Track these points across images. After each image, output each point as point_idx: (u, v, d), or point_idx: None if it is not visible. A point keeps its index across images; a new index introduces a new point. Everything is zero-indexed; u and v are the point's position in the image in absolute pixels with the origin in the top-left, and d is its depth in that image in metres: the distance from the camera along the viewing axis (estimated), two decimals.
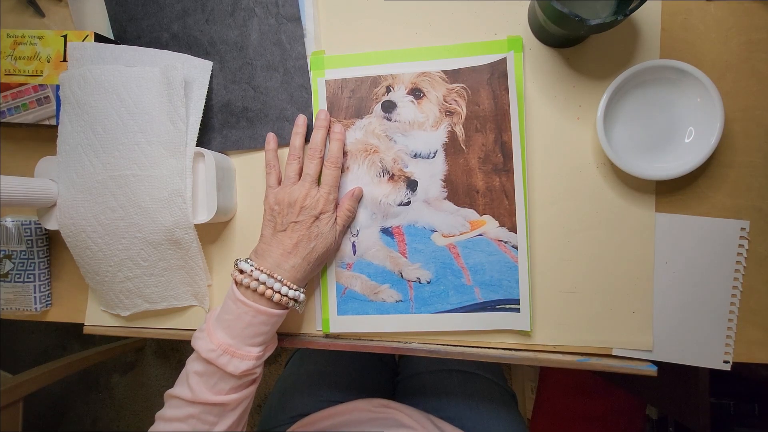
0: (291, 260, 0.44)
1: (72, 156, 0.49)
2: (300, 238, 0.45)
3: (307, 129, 0.49)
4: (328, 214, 0.46)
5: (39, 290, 0.55)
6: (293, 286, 0.44)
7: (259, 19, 0.51)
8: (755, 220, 0.45)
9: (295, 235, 0.45)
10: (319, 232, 0.45)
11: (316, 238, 0.45)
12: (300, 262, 0.45)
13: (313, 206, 0.45)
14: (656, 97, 0.45)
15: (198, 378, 0.42)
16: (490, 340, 0.49)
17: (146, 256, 0.50)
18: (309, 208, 0.45)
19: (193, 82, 0.49)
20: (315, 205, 0.45)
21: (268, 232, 0.46)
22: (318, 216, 0.45)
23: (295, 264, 0.44)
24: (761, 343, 0.46)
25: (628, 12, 0.37)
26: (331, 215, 0.46)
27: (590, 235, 0.47)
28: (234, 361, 0.42)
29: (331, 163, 0.47)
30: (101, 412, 1.49)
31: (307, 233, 0.45)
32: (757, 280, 0.45)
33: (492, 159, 0.47)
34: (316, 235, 0.45)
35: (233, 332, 0.42)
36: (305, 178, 0.46)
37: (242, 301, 0.42)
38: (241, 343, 0.42)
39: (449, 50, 0.48)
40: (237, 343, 0.42)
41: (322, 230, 0.45)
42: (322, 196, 0.46)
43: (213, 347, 0.41)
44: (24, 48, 0.51)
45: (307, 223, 0.45)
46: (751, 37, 0.45)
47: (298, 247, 0.45)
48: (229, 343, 0.42)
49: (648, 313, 0.47)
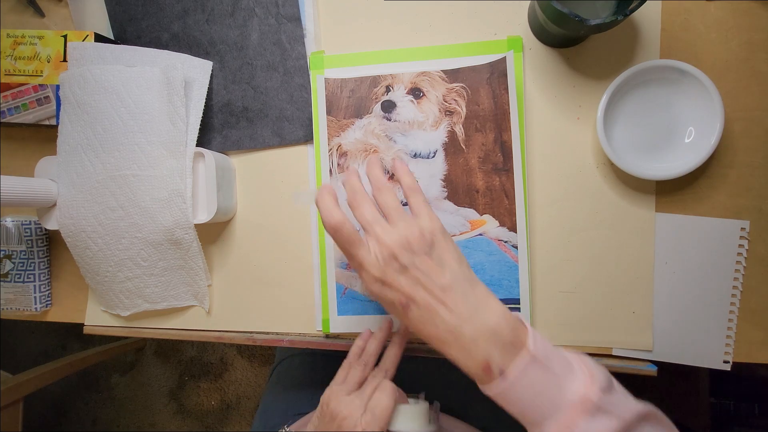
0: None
1: (72, 156, 0.49)
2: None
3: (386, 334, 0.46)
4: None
5: (39, 290, 0.55)
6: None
7: (259, 19, 0.51)
8: (755, 220, 0.45)
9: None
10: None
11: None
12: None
13: (347, 428, 0.40)
14: (656, 97, 0.45)
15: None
16: None
17: (146, 256, 0.50)
18: (343, 429, 0.40)
19: (193, 82, 0.49)
20: (348, 425, 0.40)
21: (311, 428, 0.44)
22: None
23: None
24: (761, 343, 0.46)
25: (628, 12, 0.37)
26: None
27: (590, 235, 0.47)
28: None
29: (384, 379, 0.43)
30: (101, 412, 1.49)
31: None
32: (757, 280, 0.45)
33: (492, 158, 0.47)
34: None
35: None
36: (360, 395, 0.41)
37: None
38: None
39: (449, 50, 0.48)
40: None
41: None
42: (360, 425, 0.39)
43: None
44: (24, 48, 0.51)
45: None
46: (751, 37, 0.45)
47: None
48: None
49: (648, 313, 0.47)
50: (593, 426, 0.30)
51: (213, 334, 0.54)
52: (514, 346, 0.32)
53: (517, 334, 0.33)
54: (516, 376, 0.32)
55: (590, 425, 0.30)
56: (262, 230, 0.53)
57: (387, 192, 0.38)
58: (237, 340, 0.53)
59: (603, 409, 0.31)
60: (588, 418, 0.30)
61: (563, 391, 0.31)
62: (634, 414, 0.31)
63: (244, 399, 1.40)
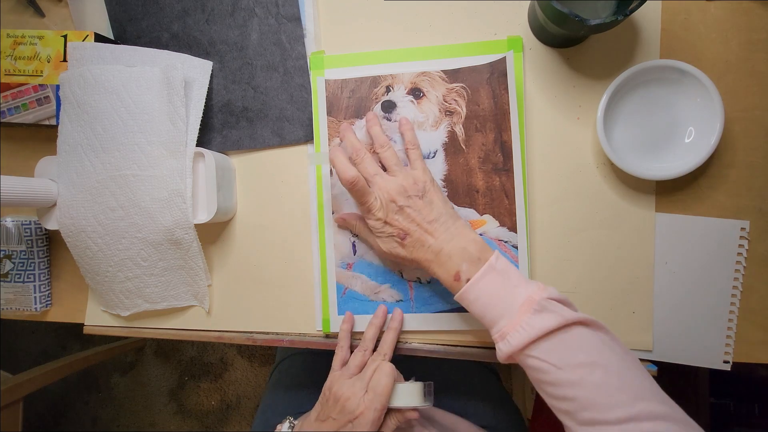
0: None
1: (72, 156, 0.49)
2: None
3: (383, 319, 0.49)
4: (367, 425, 0.41)
5: (39, 290, 0.55)
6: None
7: (259, 19, 0.51)
8: (755, 220, 0.45)
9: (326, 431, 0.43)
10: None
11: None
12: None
13: (351, 410, 0.42)
14: (656, 97, 0.45)
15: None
16: (490, 339, 0.49)
17: (146, 256, 0.50)
18: (346, 412, 0.42)
19: (193, 82, 0.49)
20: (353, 409, 0.42)
21: (313, 416, 0.46)
22: (352, 421, 0.42)
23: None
24: (761, 343, 0.46)
25: (628, 12, 0.37)
26: (370, 426, 0.42)
27: (590, 235, 0.47)
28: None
29: (383, 360, 0.46)
30: (101, 412, 1.49)
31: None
32: (757, 280, 0.45)
33: (492, 158, 0.47)
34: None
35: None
36: (361, 378, 0.44)
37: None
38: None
39: (449, 50, 0.48)
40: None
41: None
42: (363, 403, 0.42)
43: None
44: (24, 48, 0.51)
45: (339, 423, 0.43)
46: (751, 37, 0.45)
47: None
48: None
49: (648, 313, 0.47)
50: (536, 321, 0.37)
51: (213, 334, 0.54)
52: (480, 260, 0.40)
53: (483, 253, 0.41)
54: (476, 279, 0.39)
55: (533, 320, 0.37)
56: (262, 230, 0.53)
57: (388, 149, 0.45)
58: (237, 340, 0.53)
59: (547, 309, 0.37)
60: (531, 315, 0.37)
61: (516, 297, 0.38)
62: (576, 317, 0.37)
63: (244, 399, 1.40)
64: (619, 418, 0.33)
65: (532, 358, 0.37)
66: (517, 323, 0.37)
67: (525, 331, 0.36)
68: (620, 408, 0.33)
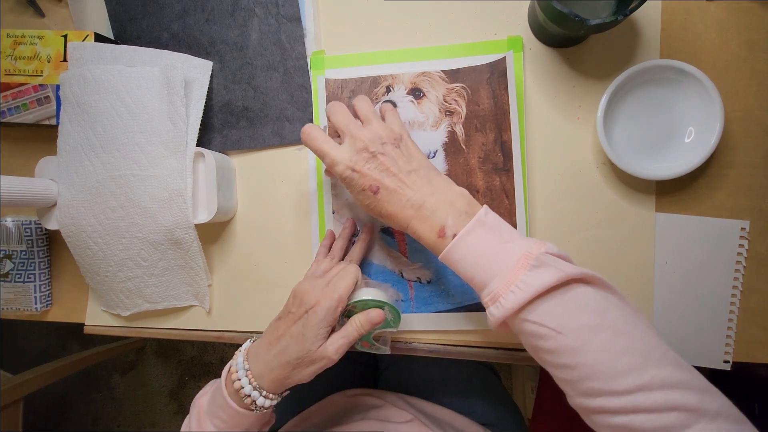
0: (270, 351, 0.39)
1: (72, 156, 0.49)
2: (284, 331, 0.40)
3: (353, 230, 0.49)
4: (321, 313, 0.38)
5: (39, 290, 0.55)
6: (254, 382, 0.39)
7: (259, 19, 0.51)
8: (755, 220, 0.45)
9: (282, 326, 0.40)
10: (301, 332, 0.39)
11: (292, 338, 0.39)
12: (271, 358, 0.39)
13: (307, 301, 0.39)
14: (656, 97, 0.45)
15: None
16: (490, 339, 0.49)
17: (146, 256, 0.50)
18: (303, 303, 0.40)
19: (193, 82, 0.49)
20: (310, 299, 0.39)
21: (276, 316, 0.43)
22: (308, 311, 0.39)
23: (267, 359, 0.39)
24: (761, 343, 0.46)
25: (628, 12, 0.37)
26: (323, 319, 0.38)
27: (590, 235, 0.47)
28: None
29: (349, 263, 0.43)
30: (101, 412, 1.49)
31: (290, 329, 0.39)
32: (757, 280, 0.45)
33: (492, 158, 0.47)
34: (296, 335, 0.39)
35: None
36: (324, 277, 0.42)
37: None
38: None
39: (449, 50, 0.48)
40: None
41: (305, 332, 0.39)
42: (320, 293, 0.40)
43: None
44: (24, 48, 0.51)
45: (296, 316, 0.40)
46: (751, 37, 0.45)
47: (279, 341, 0.39)
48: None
49: (648, 313, 0.47)
50: (533, 277, 0.32)
51: (213, 334, 0.54)
52: (468, 214, 0.36)
53: (471, 207, 0.37)
54: (463, 235, 0.35)
55: (530, 277, 0.32)
56: (262, 230, 0.53)
57: (363, 101, 0.42)
58: (237, 340, 0.53)
59: (545, 264, 0.33)
60: (527, 272, 0.32)
61: (509, 254, 0.34)
62: (578, 272, 0.33)
63: None
64: (627, 388, 0.29)
65: (529, 323, 0.33)
66: (511, 282, 0.33)
67: (520, 290, 0.32)
68: (628, 376, 0.29)
